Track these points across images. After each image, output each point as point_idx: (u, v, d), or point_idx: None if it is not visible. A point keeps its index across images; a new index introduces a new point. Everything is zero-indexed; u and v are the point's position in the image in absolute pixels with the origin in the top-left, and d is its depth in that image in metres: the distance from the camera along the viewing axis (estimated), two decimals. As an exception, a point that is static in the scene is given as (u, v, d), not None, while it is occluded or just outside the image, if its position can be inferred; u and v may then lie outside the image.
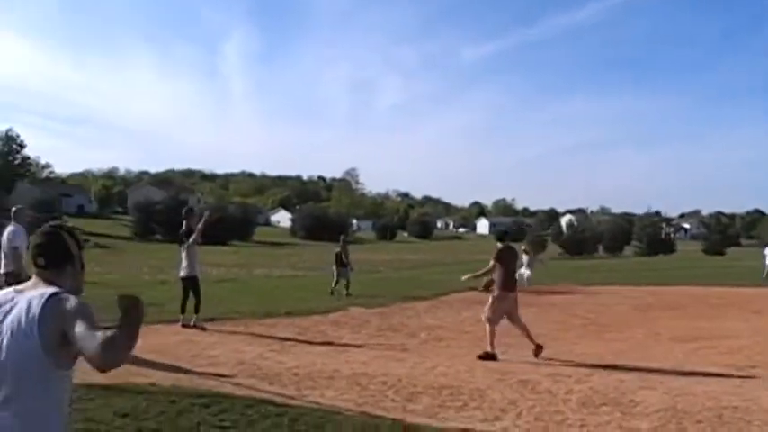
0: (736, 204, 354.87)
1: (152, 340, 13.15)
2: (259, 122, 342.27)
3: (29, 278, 10.74)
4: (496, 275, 13.22)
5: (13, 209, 13.37)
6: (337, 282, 23.94)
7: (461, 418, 8.30)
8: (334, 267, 24.46)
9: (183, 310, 15.02)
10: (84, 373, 9.68)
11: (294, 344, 13.51)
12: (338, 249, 24.88)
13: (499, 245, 13.72)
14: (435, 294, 23.72)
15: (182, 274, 15.31)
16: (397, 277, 34.95)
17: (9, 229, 12.83)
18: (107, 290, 23.90)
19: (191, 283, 15.13)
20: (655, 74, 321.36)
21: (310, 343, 13.76)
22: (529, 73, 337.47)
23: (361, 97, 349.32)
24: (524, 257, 28.26)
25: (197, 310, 14.96)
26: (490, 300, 13.26)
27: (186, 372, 10.43)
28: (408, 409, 8.72)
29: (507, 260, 13.38)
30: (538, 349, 12.89)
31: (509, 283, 13.24)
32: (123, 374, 9.89)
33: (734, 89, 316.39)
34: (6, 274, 12.64)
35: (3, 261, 12.78)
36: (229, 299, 19.43)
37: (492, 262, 13.33)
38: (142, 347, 12.22)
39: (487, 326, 13.05)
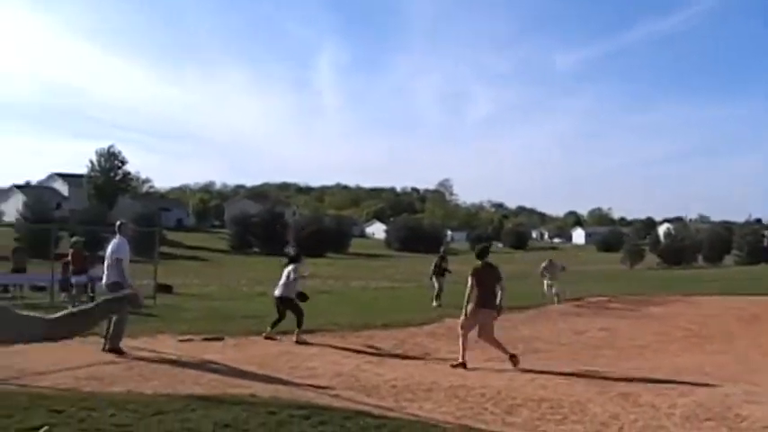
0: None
1: (251, 352, 13.28)
2: (352, 134, 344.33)
3: (132, 288, 10.88)
4: (474, 293, 12.93)
5: (118, 222, 13.84)
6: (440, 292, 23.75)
7: (562, 432, 8.13)
8: (435, 279, 24.33)
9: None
10: (181, 383, 9.79)
11: (392, 356, 13.46)
12: (437, 260, 24.82)
13: (478, 263, 13.29)
14: (532, 305, 23.43)
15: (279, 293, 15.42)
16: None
17: (114, 241, 13.29)
18: (207, 302, 24.29)
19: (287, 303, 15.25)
20: (752, 79, 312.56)
21: (408, 355, 13.72)
22: (624, 80, 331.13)
23: (453, 107, 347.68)
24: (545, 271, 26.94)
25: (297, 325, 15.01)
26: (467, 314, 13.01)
27: (285, 383, 10.47)
28: (508, 421, 8.57)
29: (483, 278, 12.97)
30: (513, 359, 12.52)
31: (485, 300, 12.84)
32: (221, 385, 10.01)
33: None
34: (110, 284, 12.94)
35: (106, 272, 13.15)
36: (327, 311, 19.53)
37: (469, 280, 13.03)
38: (241, 359, 12.37)
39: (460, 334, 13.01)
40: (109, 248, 13.31)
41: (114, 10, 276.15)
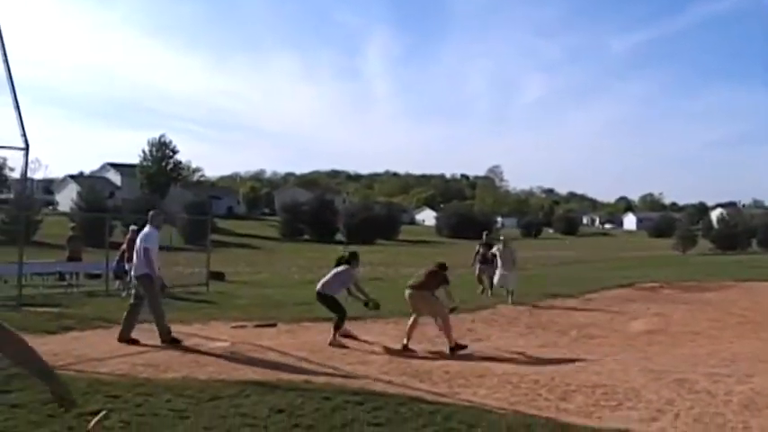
0: None
1: (304, 338, 13.35)
2: (402, 122, 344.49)
3: (161, 280, 10.81)
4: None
5: (151, 212, 13.51)
6: (481, 279, 23.37)
7: (617, 419, 8.03)
8: (478, 266, 23.73)
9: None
10: (235, 369, 9.85)
11: (444, 342, 13.42)
12: (478, 247, 24.33)
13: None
14: (584, 291, 23.29)
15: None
16: (545, 274, 34.50)
17: (144, 231, 12.97)
18: (259, 289, 24.45)
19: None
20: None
21: (460, 341, 13.65)
22: (678, 63, 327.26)
23: (503, 93, 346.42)
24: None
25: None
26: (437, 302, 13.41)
27: (338, 369, 10.52)
28: (562, 408, 8.51)
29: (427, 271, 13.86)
30: (406, 348, 12.81)
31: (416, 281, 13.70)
32: (275, 371, 10.08)
33: None
34: (138, 276, 12.69)
35: (135, 263, 12.84)
36: (378, 297, 19.48)
37: None
38: (294, 345, 12.44)
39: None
40: (138, 239, 12.98)
41: (168, 2, 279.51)
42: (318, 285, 14.22)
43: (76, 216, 55.72)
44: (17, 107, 15.70)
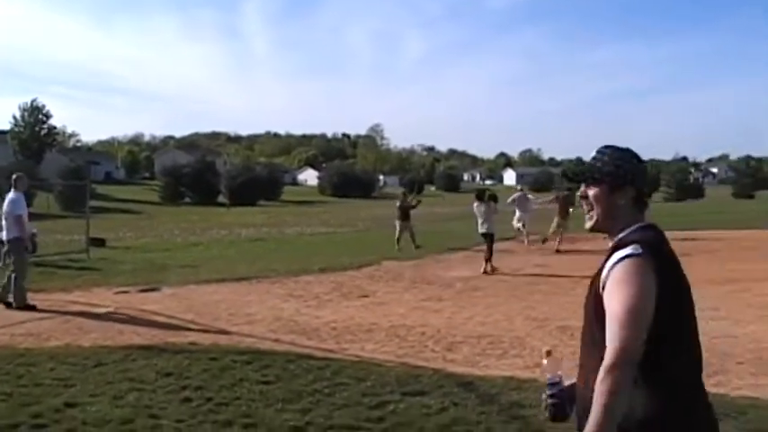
0: (765, 148, 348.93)
1: (189, 301, 13.21)
2: (282, 82, 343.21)
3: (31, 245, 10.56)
4: None
5: (14, 176, 13.17)
6: (400, 235, 23.56)
7: (503, 366, 8.26)
8: (397, 222, 24.05)
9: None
10: (120, 335, 9.71)
11: (330, 299, 13.50)
12: (399, 203, 24.75)
13: None
14: (468, 246, 23.62)
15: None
16: (429, 230, 34.84)
17: (9, 197, 12.73)
18: (141, 254, 24.04)
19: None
20: (685, 19, 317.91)
21: (346, 298, 13.75)
22: (557, 21, 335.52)
23: (385, 51, 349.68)
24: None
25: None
26: None
27: (225, 330, 10.46)
28: (449, 358, 8.70)
29: None
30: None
31: None
32: (161, 334, 9.97)
33: (763, 32, 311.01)
34: (11, 240, 12.52)
35: (6, 229, 12.68)
36: (263, 257, 19.40)
37: None
38: (179, 308, 12.31)
39: None
40: (5, 205, 12.72)
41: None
42: (483, 228, 18.25)
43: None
44: None
